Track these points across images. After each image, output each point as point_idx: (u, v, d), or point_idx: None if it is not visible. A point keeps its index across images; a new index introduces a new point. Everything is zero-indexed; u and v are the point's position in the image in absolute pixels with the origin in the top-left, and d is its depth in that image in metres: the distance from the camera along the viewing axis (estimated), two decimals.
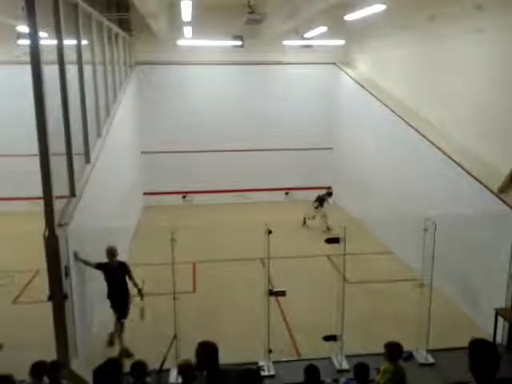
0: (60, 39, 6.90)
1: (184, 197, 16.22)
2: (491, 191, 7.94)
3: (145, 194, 15.82)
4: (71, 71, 7.53)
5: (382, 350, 5.54)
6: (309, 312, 8.68)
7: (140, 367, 5.16)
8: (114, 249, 7.52)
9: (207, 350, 4.04)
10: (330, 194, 14.07)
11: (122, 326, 7.46)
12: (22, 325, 8.09)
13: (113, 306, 7.47)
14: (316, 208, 13.74)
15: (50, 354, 6.08)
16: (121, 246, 11.11)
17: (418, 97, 11.37)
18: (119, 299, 7.44)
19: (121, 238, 11.39)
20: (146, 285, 7.46)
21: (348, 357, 6.89)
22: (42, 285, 6.62)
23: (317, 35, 12.59)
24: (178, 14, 10.60)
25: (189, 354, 5.73)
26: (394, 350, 5.43)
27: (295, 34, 13.29)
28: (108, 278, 7.39)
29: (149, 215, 14.82)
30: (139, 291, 7.40)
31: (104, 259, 7.41)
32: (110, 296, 7.46)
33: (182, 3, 8.97)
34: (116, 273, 7.39)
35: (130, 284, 7.53)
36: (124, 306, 7.47)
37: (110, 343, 7.72)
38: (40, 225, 6.26)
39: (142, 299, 7.42)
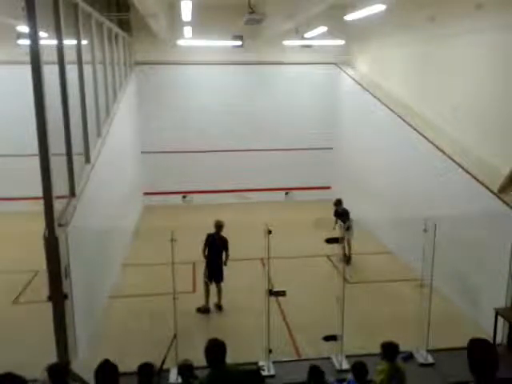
0: (60, 39, 6.91)
1: (184, 197, 16.22)
2: (491, 191, 7.94)
3: (145, 193, 15.83)
4: (71, 71, 7.53)
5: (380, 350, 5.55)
6: (309, 312, 8.68)
7: (148, 368, 5.01)
8: (222, 223, 8.79)
9: (215, 347, 4.29)
10: (338, 204, 11.41)
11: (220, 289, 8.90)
12: (22, 325, 8.09)
13: (210, 271, 8.77)
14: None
15: (50, 354, 6.10)
16: (121, 246, 11.19)
17: (418, 97, 11.37)
18: (217, 266, 8.78)
19: (121, 238, 11.41)
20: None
21: (348, 357, 6.88)
22: (42, 285, 6.63)
23: (317, 35, 12.58)
24: (178, 13, 10.59)
25: (189, 354, 5.76)
26: (388, 350, 5.45)
27: (295, 33, 13.27)
28: (208, 245, 8.71)
29: (149, 215, 14.83)
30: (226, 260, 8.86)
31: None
32: (209, 263, 8.77)
33: (182, 3, 8.96)
34: (216, 244, 8.72)
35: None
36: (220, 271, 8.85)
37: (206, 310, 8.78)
38: (40, 225, 6.27)
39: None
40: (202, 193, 16.06)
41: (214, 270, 8.80)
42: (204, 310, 8.76)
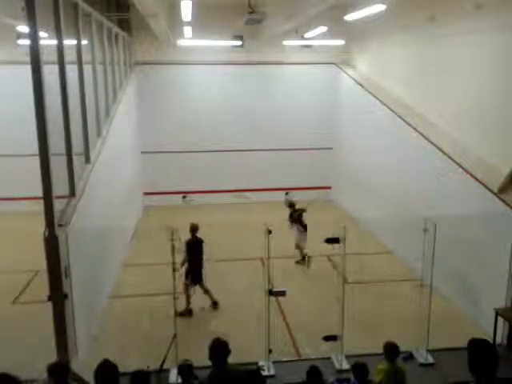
0: (60, 39, 6.91)
1: (184, 197, 16.20)
2: (491, 191, 7.94)
3: (145, 193, 15.83)
4: (71, 71, 7.53)
5: (382, 349, 5.55)
6: (309, 312, 8.68)
7: (142, 375, 4.91)
8: (197, 226, 8.78)
9: (217, 347, 4.40)
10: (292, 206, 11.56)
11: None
12: (22, 325, 8.09)
13: (193, 273, 8.65)
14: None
15: (50, 354, 6.10)
16: (120, 246, 11.19)
17: (418, 97, 11.36)
18: (197, 268, 8.68)
19: (121, 238, 11.42)
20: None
21: (348, 357, 6.89)
22: (42, 285, 6.63)
23: (317, 35, 12.57)
24: (178, 13, 10.59)
25: (189, 354, 5.76)
26: (388, 350, 5.47)
27: (295, 34, 13.26)
28: (189, 251, 8.60)
29: (149, 215, 14.83)
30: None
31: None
32: (190, 265, 8.66)
33: (182, 3, 8.96)
34: (196, 247, 8.68)
35: None
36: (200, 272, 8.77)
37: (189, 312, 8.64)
38: (40, 225, 6.27)
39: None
40: (202, 193, 16.06)
41: (197, 272, 8.68)
42: (187, 313, 8.57)
